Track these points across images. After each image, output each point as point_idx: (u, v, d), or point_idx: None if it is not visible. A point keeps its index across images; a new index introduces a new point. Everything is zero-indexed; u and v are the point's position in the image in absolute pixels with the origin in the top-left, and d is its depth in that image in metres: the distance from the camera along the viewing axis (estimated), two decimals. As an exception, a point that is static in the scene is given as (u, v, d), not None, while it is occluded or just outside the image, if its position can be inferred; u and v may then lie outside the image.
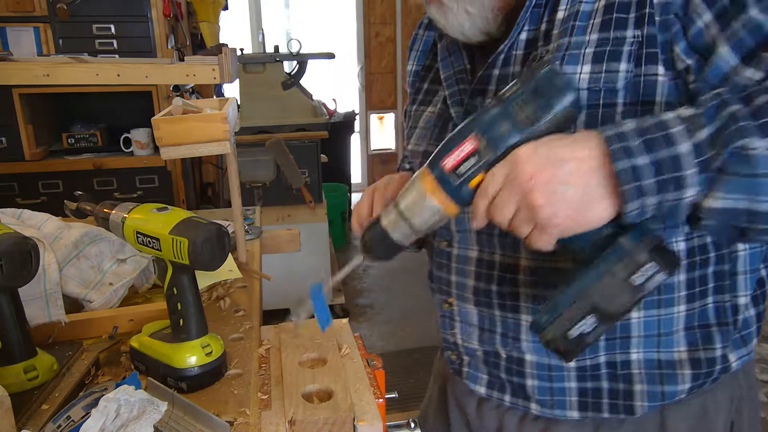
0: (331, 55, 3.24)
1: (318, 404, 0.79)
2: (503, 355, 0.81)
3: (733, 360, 0.76)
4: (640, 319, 0.72)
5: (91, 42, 2.69)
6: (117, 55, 2.73)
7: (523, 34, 0.72)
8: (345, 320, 1.03)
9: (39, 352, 0.81)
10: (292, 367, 0.87)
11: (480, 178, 0.59)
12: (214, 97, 2.39)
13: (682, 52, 0.62)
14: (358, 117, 4.72)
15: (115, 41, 2.72)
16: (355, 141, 5.01)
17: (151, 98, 2.78)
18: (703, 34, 0.61)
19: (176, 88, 2.78)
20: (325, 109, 3.68)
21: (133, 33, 2.74)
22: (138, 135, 2.84)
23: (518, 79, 0.59)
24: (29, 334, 0.81)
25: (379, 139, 5.44)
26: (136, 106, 2.89)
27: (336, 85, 5.10)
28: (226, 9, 3.62)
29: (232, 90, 4.29)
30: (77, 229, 1.09)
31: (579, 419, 0.78)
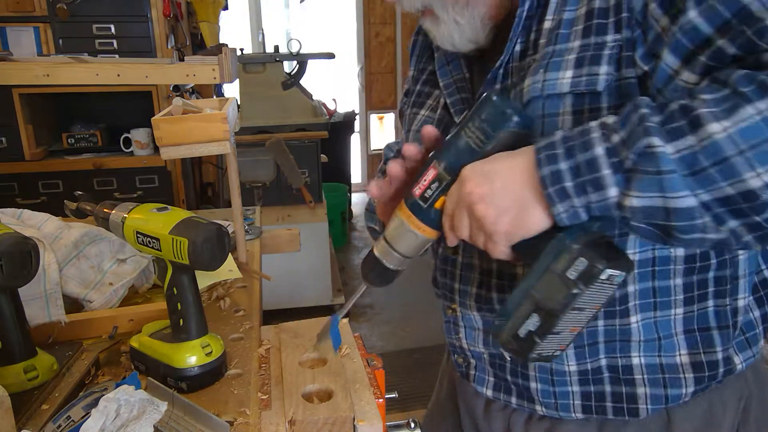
0: (331, 55, 3.24)
1: (318, 404, 0.79)
2: (508, 358, 0.82)
3: (738, 362, 0.76)
4: (638, 322, 0.73)
5: (91, 42, 2.69)
6: (117, 55, 2.73)
7: (518, 46, 0.74)
8: (345, 320, 1.02)
9: (39, 352, 0.81)
10: (292, 367, 0.87)
11: (443, 200, 0.66)
12: (214, 97, 2.40)
13: (639, 59, 0.63)
14: (358, 117, 4.72)
15: (115, 41, 2.72)
16: (355, 141, 5.02)
17: (151, 98, 2.78)
18: (661, 39, 0.61)
19: (176, 88, 2.78)
20: (325, 109, 3.68)
21: (133, 33, 2.73)
22: (138, 135, 2.84)
23: (468, 109, 0.64)
24: (29, 334, 0.81)
25: (379, 139, 5.44)
26: (136, 106, 2.89)
27: (336, 85, 5.11)
28: (226, 9, 3.62)
29: (232, 90, 4.29)
30: (77, 229, 1.09)
31: (584, 419, 0.79)
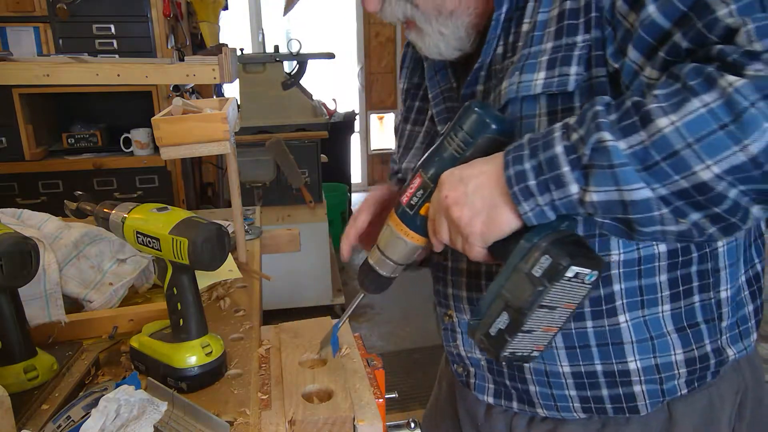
0: (331, 55, 3.23)
1: (318, 404, 0.79)
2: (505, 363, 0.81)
3: (731, 354, 0.77)
4: (627, 322, 0.73)
5: (91, 42, 2.69)
6: (117, 55, 2.73)
7: (500, 48, 0.75)
8: (345, 320, 1.02)
9: (39, 352, 0.81)
10: (292, 367, 0.87)
11: (427, 207, 0.68)
12: (214, 97, 2.40)
13: (610, 56, 0.63)
14: (358, 117, 4.72)
15: (115, 41, 2.72)
16: (355, 141, 5.01)
17: (151, 98, 2.77)
18: (630, 35, 0.61)
19: (176, 88, 2.78)
20: (325, 109, 3.67)
21: (133, 33, 2.73)
22: (138, 135, 2.84)
23: (451, 119, 0.67)
24: (29, 334, 0.81)
25: (379, 139, 5.44)
26: (136, 106, 2.88)
27: (336, 85, 5.10)
28: (226, 9, 3.62)
29: (232, 90, 4.29)
30: (77, 229, 1.09)
31: (586, 418, 0.79)
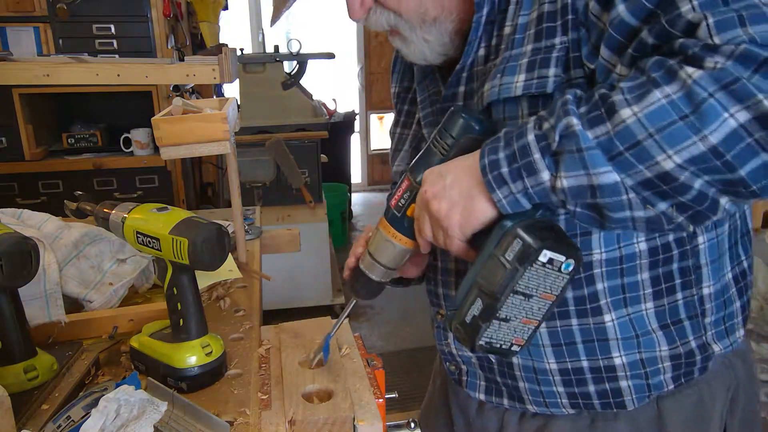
0: (331, 55, 3.23)
1: (318, 404, 0.79)
2: (494, 359, 0.82)
3: (718, 349, 0.77)
4: (613, 321, 0.74)
5: (91, 42, 2.69)
6: (117, 55, 2.73)
7: (482, 51, 0.76)
8: (345, 320, 1.03)
9: (39, 352, 0.81)
10: (292, 367, 0.87)
11: (413, 208, 0.70)
12: (214, 97, 2.40)
13: (585, 58, 0.64)
14: (358, 117, 4.72)
15: (115, 41, 2.72)
16: (355, 141, 5.02)
17: (151, 98, 2.78)
18: (603, 35, 0.61)
19: (176, 88, 2.78)
20: (325, 109, 3.68)
21: (133, 33, 2.73)
22: (138, 135, 2.84)
23: (437, 123, 0.69)
24: (29, 334, 0.81)
25: (379, 139, 5.45)
26: (136, 106, 2.89)
27: (336, 85, 5.11)
28: (226, 9, 3.62)
29: (232, 90, 4.29)
30: (77, 229, 1.09)
31: (575, 413, 0.80)
